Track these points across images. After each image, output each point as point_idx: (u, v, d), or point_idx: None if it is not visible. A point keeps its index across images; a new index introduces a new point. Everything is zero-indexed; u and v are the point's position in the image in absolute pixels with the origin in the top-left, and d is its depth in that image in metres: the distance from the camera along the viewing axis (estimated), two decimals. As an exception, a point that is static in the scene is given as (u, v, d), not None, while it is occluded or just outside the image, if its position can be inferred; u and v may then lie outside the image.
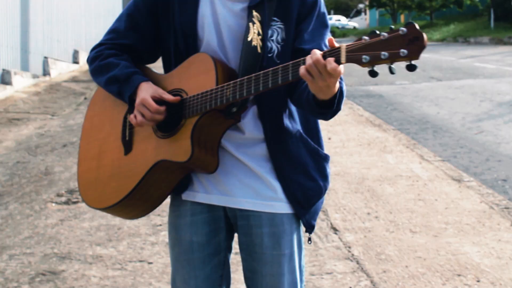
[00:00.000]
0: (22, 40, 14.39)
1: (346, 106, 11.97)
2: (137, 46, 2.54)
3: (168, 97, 2.35)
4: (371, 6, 55.36)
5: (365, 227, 5.49)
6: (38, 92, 13.54)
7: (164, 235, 5.24)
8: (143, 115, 2.35)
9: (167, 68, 2.52)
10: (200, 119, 2.29)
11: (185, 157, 2.29)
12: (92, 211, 5.88)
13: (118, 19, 2.58)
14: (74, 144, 8.74)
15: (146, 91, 2.37)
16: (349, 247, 5.02)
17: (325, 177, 2.50)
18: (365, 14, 73.50)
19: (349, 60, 2.01)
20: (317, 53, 2.05)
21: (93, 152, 2.59)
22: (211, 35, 2.40)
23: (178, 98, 2.35)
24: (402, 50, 1.91)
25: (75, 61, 18.99)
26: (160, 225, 5.49)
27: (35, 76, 14.74)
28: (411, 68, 1.93)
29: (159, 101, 2.35)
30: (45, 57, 15.85)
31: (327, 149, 2.59)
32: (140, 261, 4.82)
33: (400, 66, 1.99)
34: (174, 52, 2.46)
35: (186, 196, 2.49)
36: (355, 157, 7.98)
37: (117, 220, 5.61)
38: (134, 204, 2.46)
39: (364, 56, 1.97)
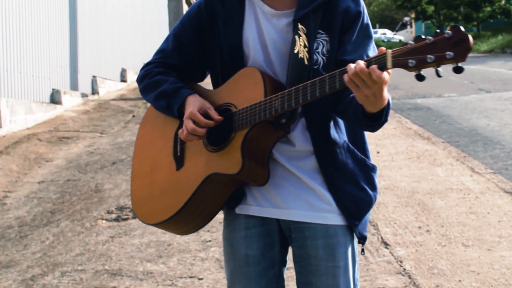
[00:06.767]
0: (71, 59, 14.61)
1: (394, 119, 11.88)
2: (185, 66, 2.60)
3: (213, 114, 2.39)
4: (417, 19, 55.05)
5: (416, 241, 5.41)
6: (87, 111, 13.71)
7: (214, 251, 5.24)
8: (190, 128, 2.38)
9: (215, 85, 2.56)
10: (250, 131, 2.32)
11: (236, 169, 2.30)
12: (142, 228, 5.92)
13: (166, 39, 2.64)
14: (123, 162, 8.81)
15: (193, 105, 2.41)
16: (401, 262, 4.96)
17: (374, 187, 2.51)
18: (411, 27, 73.00)
19: (395, 65, 2.01)
20: (360, 62, 2.05)
21: (146, 169, 2.63)
22: (257, 52, 2.43)
23: (221, 118, 2.38)
24: (448, 52, 1.92)
25: (123, 79, 19.21)
26: (210, 241, 5.50)
27: (84, 95, 14.93)
28: (458, 70, 1.93)
29: (205, 115, 2.39)
30: (94, 76, 16.06)
31: (375, 163, 2.58)
32: (191, 277, 4.82)
33: (447, 77, 1.97)
34: (221, 70, 2.50)
35: (240, 210, 2.51)
36: (404, 171, 7.89)
37: (167, 237, 5.63)
38: (186, 219, 2.47)
39: (410, 61, 1.98)
